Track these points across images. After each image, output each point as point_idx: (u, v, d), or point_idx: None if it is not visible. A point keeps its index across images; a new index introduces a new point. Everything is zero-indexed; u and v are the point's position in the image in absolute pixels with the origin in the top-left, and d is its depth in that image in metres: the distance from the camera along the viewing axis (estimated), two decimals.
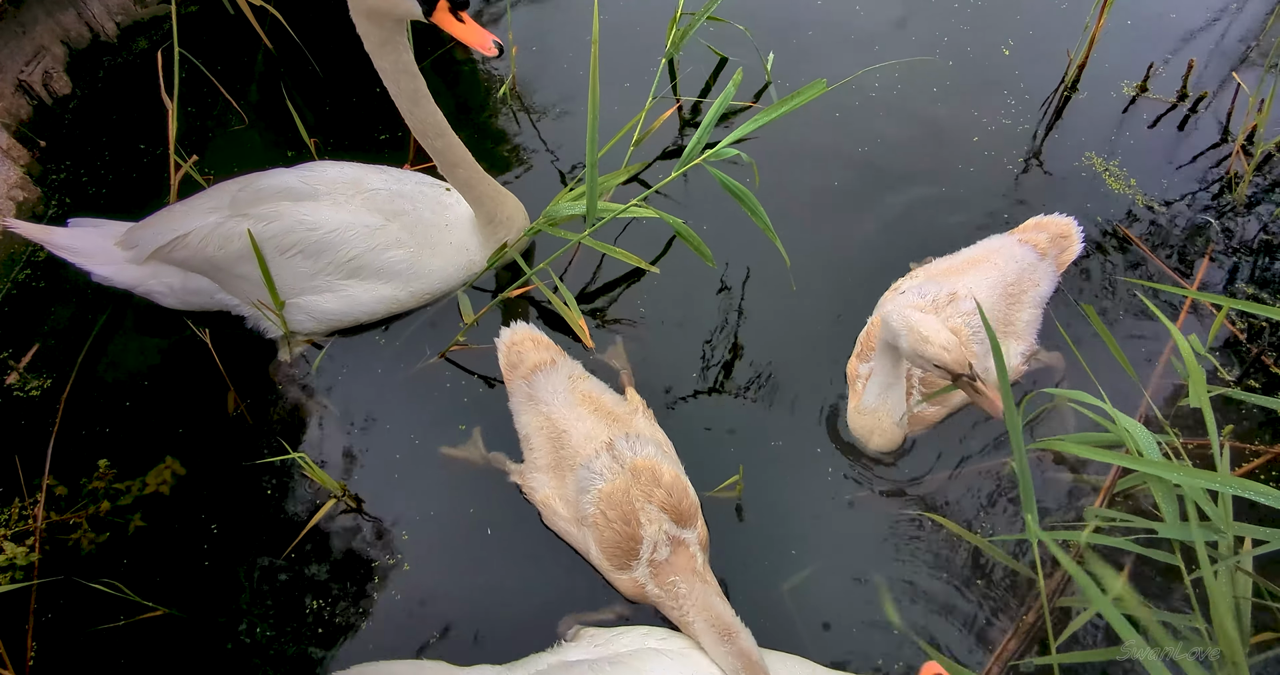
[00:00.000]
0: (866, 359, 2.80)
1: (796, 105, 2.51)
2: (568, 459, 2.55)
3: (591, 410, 2.62)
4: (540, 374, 2.70)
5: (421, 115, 2.70)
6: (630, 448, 2.50)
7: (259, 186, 2.87)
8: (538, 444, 2.64)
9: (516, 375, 2.74)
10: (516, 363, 2.76)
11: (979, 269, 2.86)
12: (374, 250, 2.88)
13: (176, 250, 2.85)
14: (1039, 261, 2.92)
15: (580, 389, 2.69)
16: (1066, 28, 3.87)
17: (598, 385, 2.76)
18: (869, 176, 3.48)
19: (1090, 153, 3.54)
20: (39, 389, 3.01)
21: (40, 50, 3.57)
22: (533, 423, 2.66)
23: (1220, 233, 3.31)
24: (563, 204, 2.79)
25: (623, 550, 2.39)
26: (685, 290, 3.19)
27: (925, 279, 2.89)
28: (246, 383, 3.00)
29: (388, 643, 2.56)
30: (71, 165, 3.54)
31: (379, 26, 2.45)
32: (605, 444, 2.51)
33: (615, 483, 2.43)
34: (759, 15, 3.89)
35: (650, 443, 2.54)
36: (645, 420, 2.70)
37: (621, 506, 2.39)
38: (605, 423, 2.59)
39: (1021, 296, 2.86)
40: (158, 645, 2.57)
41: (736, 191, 2.61)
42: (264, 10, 3.66)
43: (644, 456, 2.48)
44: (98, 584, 2.56)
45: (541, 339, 2.81)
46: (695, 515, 2.48)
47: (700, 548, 2.44)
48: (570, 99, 3.71)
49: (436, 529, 2.73)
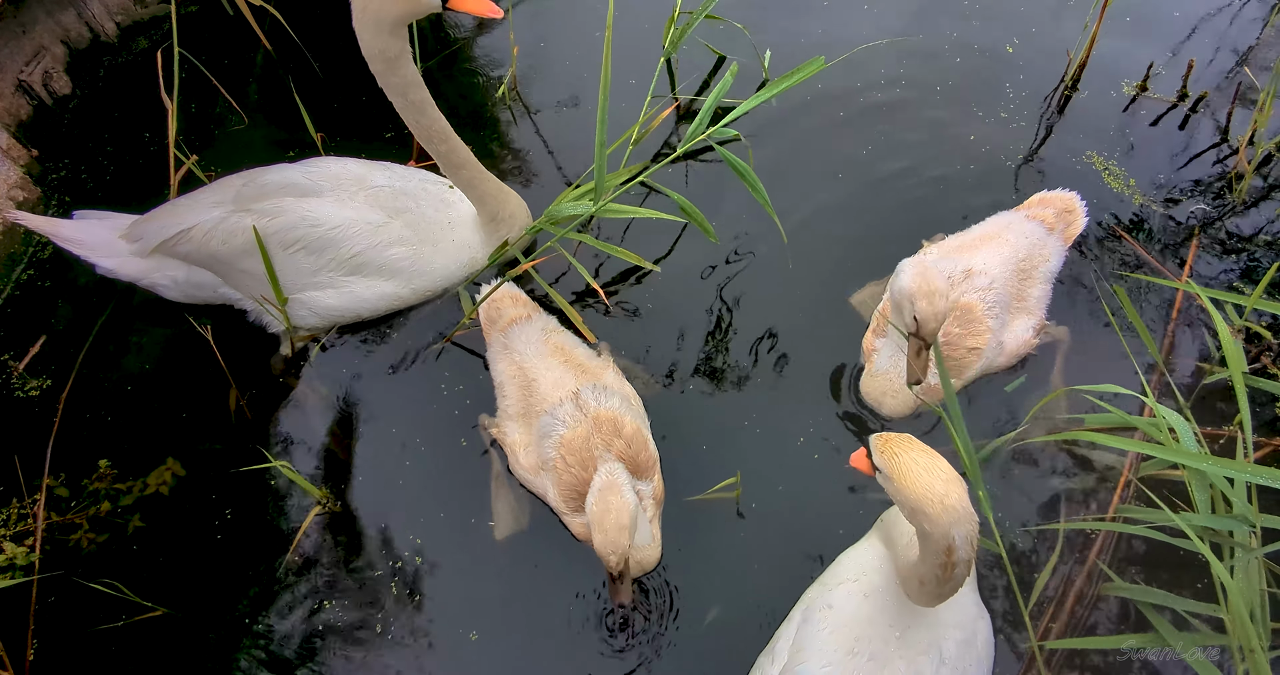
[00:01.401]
0: (882, 333, 2.82)
1: (796, 81, 2.54)
2: (535, 406, 2.62)
3: (562, 361, 2.71)
4: (516, 327, 2.80)
5: (427, 122, 2.71)
6: (595, 398, 2.56)
7: (263, 181, 2.87)
8: (510, 392, 2.72)
9: (495, 329, 2.84)
10: (495, 318, 2.85)
11: (991, 245, 2.89)
12: (377, 247, 2.88)
13: (180, 244, 2.85)
14: (1047, 236, 2.96)
15: (553, 341, 2.78)
16: (1067, 27, 3.87)
17: (570, 339, 2.85)
18: (869, 173, 3.48)
19: (1091, 151, 3.54)
20: (39, 389, 3.01)
21: (40, 50, 3.57)
22: (506, 371, 2.75)
23: (1220, 232, 3.31)
24: (565, 203, 2.80)
25: (579, 493, 2.45)
26: (685, 285, 3.20)
27: (939, 256, 2.92)
28: (248, 379, 3.00)
29: (388, 643, 2.56)
30: (71, 165, 3.53)
31: (397, 37, 2.44)
32: (572, 393, 2.57)
33: (577, 431, 2.49)
34: (758, 14, 3.89)
35: (616, 395, 2.60)
36: (615, 375, 2.77)
37: (580, 453, 2.46)
38: (574, 373, 2.66)
39: (1032, 272, 2.90)
40: (157, 645, 2.56)
41: (737, 167, 2.63)
42: (263, 10, 3.66)
43: (607, 408, 2.54)
44: (97, 584, 2.55)
45: (520, 296, 2.91)
46: (652, 468, 2.56)
47: (654, 502, 2.53)
48: (570, 98, 3.71)
49: (440, 527, 2.73)
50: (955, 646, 2.07)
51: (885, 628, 2.08)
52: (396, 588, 2.63)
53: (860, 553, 2.33)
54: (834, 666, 2.03)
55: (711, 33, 3.80)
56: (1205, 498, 2.11)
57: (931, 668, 2.02)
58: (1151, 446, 2.20)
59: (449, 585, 2.64)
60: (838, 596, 2.19)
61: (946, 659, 2.04)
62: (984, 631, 2.21)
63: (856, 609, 2.14)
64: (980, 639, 2.17)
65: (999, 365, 2.86)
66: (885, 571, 2.19)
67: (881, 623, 2.09)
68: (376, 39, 2.44)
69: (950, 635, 2.08)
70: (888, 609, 2.12)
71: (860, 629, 2.09)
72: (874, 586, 2.17)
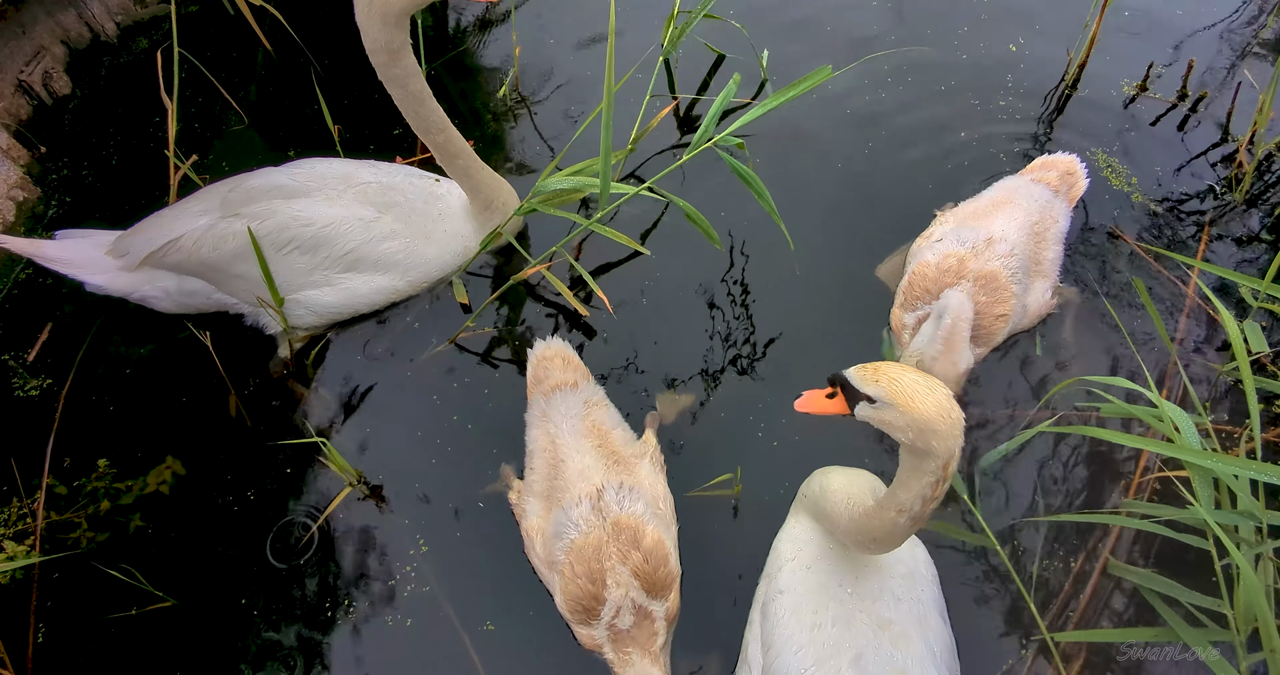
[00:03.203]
0: (911, 308, 2.85)
1: (802, 91, 2.54)
2: (558, 491, 2.44)
3: (596, 444, 2.51)
4: (559, 394, 2.63)
5: (426, 113, 2.73)
6: (618, 500, 2.36)
7: (249, 186, 2.87)
8: (538, 465, 2.55)
9: (538, 390, 2.69)
10: (542, 378, 2.70)
11: (1006, 211, 2.95)
12: (370, 242, 2.89)
13: (170, 254, 2.84)
14: (1054, 199, 3.04)
15: (593, 418, 2.59)
16: (1067, 27, 3.87)
17: (612, 417, 2.67)
18: (871, 172, 3.48)
19: (1095, 148, 3.54)
20: (38, 388, 3.01)
21: (40, 50, 3.57)
22: (539, 441, 2.59)
23: (1220, 232, 3.31)
24: (551, 180, 2.81)
25: (584, 607, 2.28)
26: (686, 277, 3.21)
27: (956, 224, 2.96)
28: (246, 381, 3.00)
29: (389, 641, 2.56)
30: (71, 165, 3.54)
31: (400, 29, 2.47)
32: (595, 491, 2.38)
33: (589, 537, 2.30)
34: (757, 13, 3.89)
35: (642, 499, 2.39)
36: (650, 467, 2.57)
37: (590, 563, 2.26)
38: (605, 463, 2.46)
39: (1045, 234, 2.96)
40: (161, 642, 2.57)
41: (744, 174, 2.63)
42: (263, 10, 3.66)
43: (629, 513, 2.33)
44: (113, 570, 2.56)
45: (572, 359, 2.76)
46: (669, 586, 2.33)
47: (666, 623, 2.30)
48: (571, 97, 3.72)
49: (443, 525, 2.73)
50: (902, 581, 2.17)
51: (836, 589, 2.16)
52: (410, 580, 2.63)
53: (789, 534, 2.38)
54: (807, 648, 2.07)
55: (711, 32, 3.81)
56: (1208, 494, 2.11)
57: (890, 608, 2.11)
58: (1155, 443, 2.20)
59: (462, 577, 2.64)
60: (784, 579, 2.25)
61: (901, 595, 2.14)
62: (922, 557, 2.30)
63: (804, 583, 2.21)
64: (921, 566, 2.27)
65: (1023, 327, 2.94)
66: (817, 541, 2.28)
67: (832, 585, 2.17)
68: (381, 32, 2.46)
69: (894, 572, 2.19)
70: (833, 571, 2.21)
71: (815, 600, 2.16)
72: (813, 556, 2.26)
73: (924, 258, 2.86)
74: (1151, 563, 2.61)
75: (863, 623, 2.08)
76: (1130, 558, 2.63)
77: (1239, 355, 2.30)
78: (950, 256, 2.79)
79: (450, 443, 2.87)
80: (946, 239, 2.88)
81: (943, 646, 2.13)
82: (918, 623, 2.10)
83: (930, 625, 2.13)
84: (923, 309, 2.79)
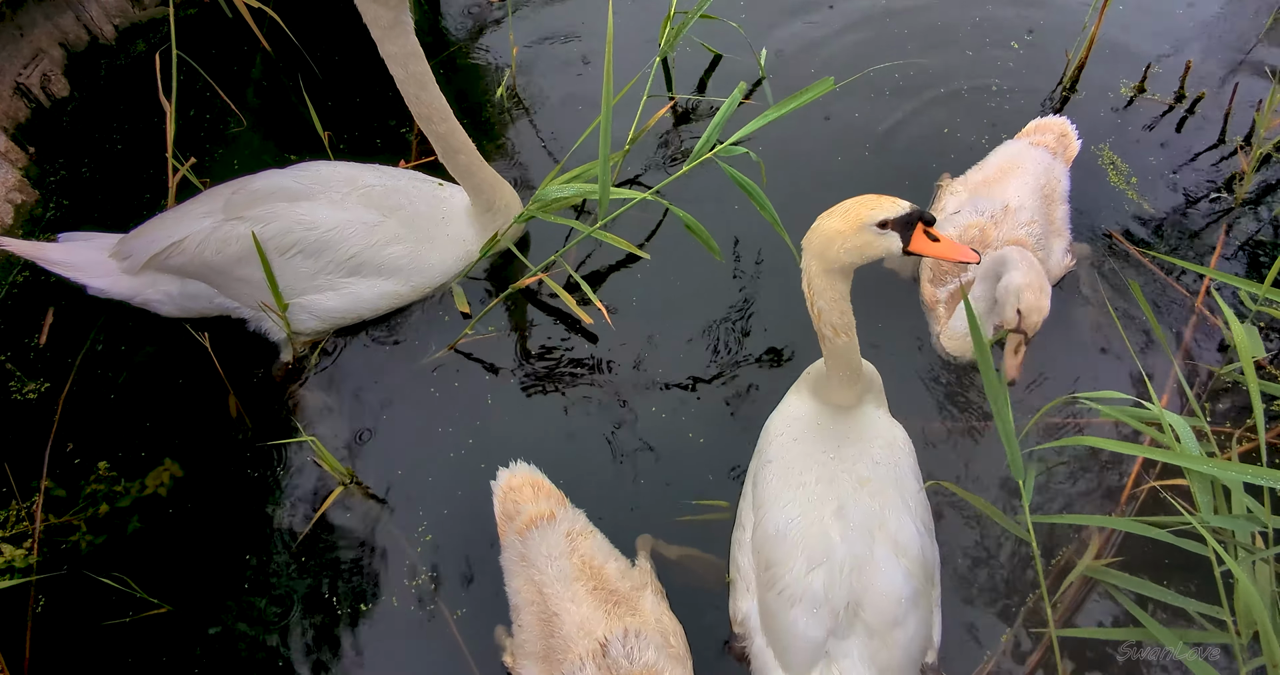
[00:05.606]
0: (942, 282, 2.90)
1: (803, 102, 2.53)
2: (558, 650, 2.17)
3: (590, 588, 2.25)
4: (536, 530, 2.35)
5: (428, 99, 2.71)
6: (627, 653, 2.12)
7: (253, 188, 2.86)
8: (527, 622, 2.27)
9: (511, 529, 2.41)
10: (513, 513, 2.42)
11: (1015, 176, 3.01)
12: (374, 246, 2.88)
13: (173, 257, 2.83)
14: (1053, 160, 3.12)
15: (580, 552, 2.32)
16: (1066, 27, 3.88)
17: (600, 545, 2.40)
18: (870, 172, 3.48)
19: (1101, 144, 3.54)
20: (36, 392, 3.00)
21: (38, 53, 3.57)
22: (523, 593, 2.31)
23: (1219, 233, 3.31)
24: (552, 187, 2.80)
25: None
26: (685, 281, 3.20)
27: (969, 194, 3.02)
28: (247, 384, 2.99)
29: (384, 644, 2.55)
30: (69, 167, 3.53)
31: (387, 7, 2.46)
32: (598, 646, 2.13)
33: None
34: (756, 12, 3.89)
35: (652, 643, 2.16)
36: (653, 598, 2.34)
37: None
38: (604, 608, 2.21)
39: (1053, 195, 3.05)
40: (156, 646, 2.56)
41: (745, 186, 2.63)
42: (262, 13, 3.66)
43: (641, 666, 2.11)
44: (107, 579, 2.55)
45: (542, 484, 2.48)
46: None
47: None
48: (568, 97, 3.72)
49: (443, 524, 2.73)
50: (881, 448, 2.40)
51: (820, 454, 2.36)
52: (410, 585, 2.63)
53: (782, 412, 2.56)
54: (794, 503, 2.27)
55: (710, 31, 3.81)
56: (1208, 500, 2.10)
57: (868, 468, 2.32)
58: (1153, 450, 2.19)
59: (461, 582, 2.64)
60: (773, 451, 2.43)
61: (879, 460, 2.35)
62: (899, 434, 2.50)
63: (790, 452, 2.40)
64: (900, 440, 2.47)
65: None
66: (807, 417, 2.47)
67: (816, 452, 2.37)
68: (374, 4, 2.45)
69: (874, 442, 2.41)
70: (818, 440, 2.40)
71: (800, 463, 2.36)
72: (801, 432, 2.44)
73: (945, 232, 2.84)
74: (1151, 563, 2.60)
75: (844, 480, 2.29)
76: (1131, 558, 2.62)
77: (1244, 360, 2.29)
78: (972, 227, 2.88)
79: (450, 448, 2.87)
80: (964, 210, 2.95)
81: (918, 504, 2.34)
82: (895, 482, 2.32)
83: (906, 486, 2.34)
84: (953, 282, 2.87)
